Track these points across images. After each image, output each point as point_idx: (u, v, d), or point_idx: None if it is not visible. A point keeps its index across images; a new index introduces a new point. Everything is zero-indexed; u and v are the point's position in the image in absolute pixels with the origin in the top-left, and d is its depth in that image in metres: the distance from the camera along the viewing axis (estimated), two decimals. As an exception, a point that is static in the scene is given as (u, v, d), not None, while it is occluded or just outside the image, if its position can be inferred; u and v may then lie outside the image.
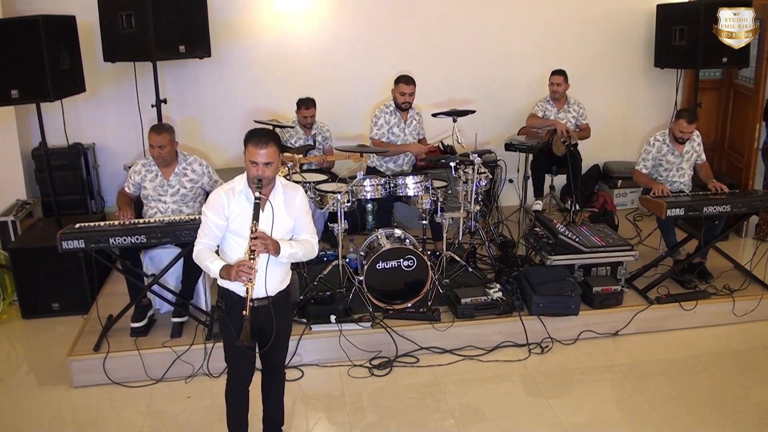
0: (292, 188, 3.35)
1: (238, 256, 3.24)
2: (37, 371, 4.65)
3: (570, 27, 7.05)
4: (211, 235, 3.26)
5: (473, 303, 4.73)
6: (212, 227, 3.23)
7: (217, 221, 3.22)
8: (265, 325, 3.30)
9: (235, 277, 3.07)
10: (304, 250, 3.32)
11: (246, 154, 3.13)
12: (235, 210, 3.21)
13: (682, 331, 4.97)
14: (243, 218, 3.19)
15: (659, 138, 5.42)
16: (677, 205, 4.88)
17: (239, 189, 3.22)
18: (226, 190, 3.23)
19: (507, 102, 7.11)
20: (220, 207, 3.21)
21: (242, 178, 3.25)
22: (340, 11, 6.65)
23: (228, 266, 3.14)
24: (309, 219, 3.41)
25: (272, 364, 3.57)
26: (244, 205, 3.20)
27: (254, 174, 3.12)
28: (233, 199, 3.21)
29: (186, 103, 6.58)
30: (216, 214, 3.21)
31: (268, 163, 3.11)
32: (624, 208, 7.23)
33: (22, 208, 5.83)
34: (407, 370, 4.50)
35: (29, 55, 4.82)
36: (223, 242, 3.31)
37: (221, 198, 3.21)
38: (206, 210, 3.25)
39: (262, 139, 3.12)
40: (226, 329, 3.33)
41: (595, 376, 4.45)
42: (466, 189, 5.18)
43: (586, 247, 5.02)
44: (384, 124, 5.73)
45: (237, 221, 3.21)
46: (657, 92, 7.39)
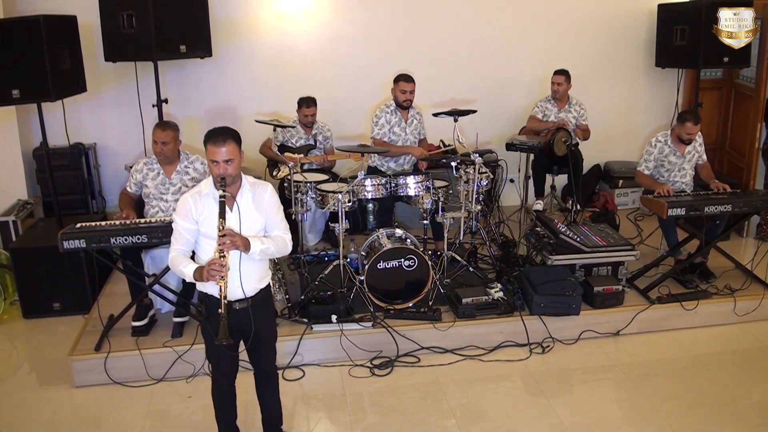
0: (260, 186, 3.32)
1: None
2: (38, 371, 4.65)
3: (571, 27, 7.05)
4: (183, 241, 3.25)
5: (474, 303, 4.73)
6: (183, 232, 3.23)
7: (186, 225, 3.22)
8: (246, 328, 3.30)
9: (207, 276, 3.06)
10: (276, 246, 3.28)
11: (207, 153, 3.13)
12: (203, 213, 3.20)
13: (684, 331, 4.97)
14: (211, 220, 3.17)
15: (661, 139, 5.42)
16: (678, 205, 4.88)
17: (206, 191, 3.21)
18: (192, 194, 3.24)
19: (508, 102, 7.10)
20: (188, 211, 3.20)
21: (209, 181, 3.24)
22: (341, 11, 6.65)
23: (200, 267, 3.13)
24: (281, 216, 3.38)
25: (261, 368, 3.57)
26: (212, 207, 3.18)
27: (217, 173, 3.11)
28: (200, 202, 3.20)
29: (187, 103, 6.58)
30: (185, 219, 3.21)
31: (229, 160, 3.09)
32: (625, 207, 7.22)
33: (23, 208, 5.83)
34: (408, 369, 4.50)
35: (30, 55, 4.81)
36: (197, 247, 3.30)
37: (188, 202, 3.21)
38: (175, 216, 3.25)
39: (220, 137, 3.10)
40: (205, 331, 3.35)
41: (596, 376, 4.45)
42: (467, 189, 5.17)
43: (587, 246, 5.02)
44: (385, 123, 5.73)
45: (206, 224, 3.20)
46: (658, 92, 7.39)
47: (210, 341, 3.32)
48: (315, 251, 5.82)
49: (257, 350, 3.46)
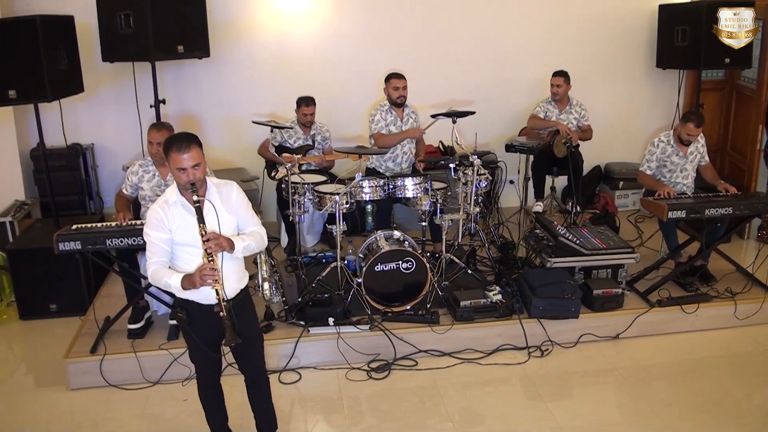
0: (225, 186, 3.30)
1: (192, 267, 3.18)
2: (34, 373, 4.63)
3: (571, 27, 7.01)
4: (161, 252, 3.18)
5: (472, 306, 4.69)
6: (159, 244, 3.16)
7: (161, 236, 3.15)
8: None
9: (201, 282, 3.02)
10: (255, 242, 3.29)
11: (170, 163, 3.08)
12: (175, 221, 3.15)
13: (684, 335, 4.93)
14: (185, 228, 3.14)
15: (663, 139, 5.38)
16: (679, 208, 4.84)
17: (173, 200, 3.16)
18: (160, 204, 3.17)
19: (507, 103, 7.07)
20: (160, 221, 3.14)
21: (173, 189, 3.19)
22: (340, 11, 6.62)
23: (188, 276, 3.09)
24: (251, 212, 3.37)
25: (251, 373, 3.54)
26: (183, 215, 3.15)
27: (185, 180, 3.06)
28: (170, 212, 3.15)
29: (185, 103, 6.55)
30: (158, 230, 3.15)
31: (196, 165, 3.07)
32: (625, 209, 7.18)
33: (20, 208, 5.80)
34: (406, 373, 4.47)
35: (27, 56, 4.79)
36: (173, 259, 3.25)
37: (158, 213, 3.15)
38: (147, 230, 3.17)
39: (183, 143, 3.06)
40: (189, 336, 3.31)
41: (595, 380, 4.42)
42: (465, 190, 5.14)
43: (586, 249, 4.98)
44: (381, 120, 5.70)
45: (180, 232, 3.15)
46: (659, 93, 7.35)
47: (192, 344, 3.31)
48: (313, 253, 5.79)
49: (244, 352, 3.42)
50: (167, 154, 3.08)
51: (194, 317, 3.24)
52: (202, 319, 3.22)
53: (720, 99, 7.27)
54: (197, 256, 3.16)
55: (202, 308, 3.21)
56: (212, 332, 3.27)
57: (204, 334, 3.26)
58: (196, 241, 3.09)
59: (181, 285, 3.08)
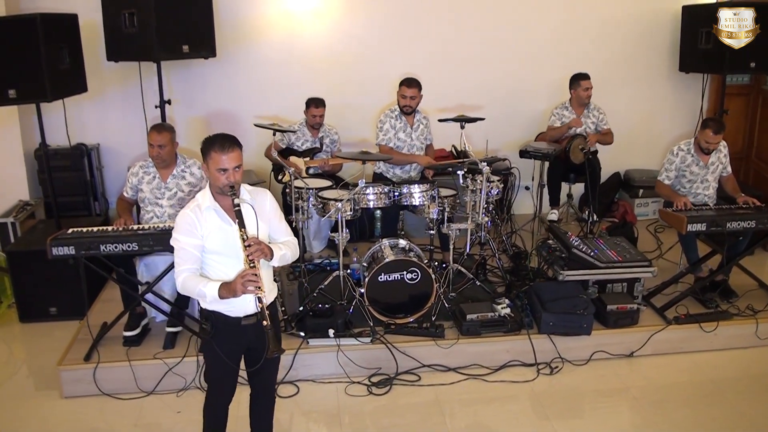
0: (259, 193, 3.16)
1: (219, 276, 3.04)
2: (30, 379, 4.55)
3: (591, 29, 6.80)
4: (193, 259, 3.02)
5: (479, 319, 4.51)
6: (191, 250, 3.01)
7: (193, 242, 3.00)
8: (257, 345, 3.11)
9: (243, 290, 2.87)
10: (291, 252, 3.17)
11: (210, 163, 2.94)
12: (207, 227, 3.00)
13: (702, 354, 4.69)
14: (218, 235, 3.00)
15: (683, 147, 5.16)
16: (699, 220, 4.61)
17: (206, 205, 3.02)
18: (192, 209, 3.02)
19: (522, 107, 6.88)
20: (192, 226, 2.99)
21: (205, 194, 3.06)
22: (350, 11, 6.48)
23: (226, 283, 2.93)
24: (284, 221, 3.25)
25: (263, 386, 3.38)
26: (216, 221, 3.01)
27: (225, 182, 2.93)
28: (202, 217, 3.00)
29: (192, 103, 6.45)
30: (190, 235, 3.00)
31: (237, 167, 2.95)
32: (645, 218, 6.95)
33: (23, 209, 5.73)
34: (408, 388, 4.30)
35: (27, 55, 4.69)
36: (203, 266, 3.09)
37: (189, 217, 3.00)
38: (177, 235, 3.02)
39: (226, 142, 2.93)
40: (211, 350, 3.13)
41: (607, 400, 4.22)
42: (474, 199, 4.94)
43: (601, 261, 4.77)
44: (389, 129, 5.54)
45: (212, 239, 3.01)
46: (681, 98, 7.11)
47: (213, 360, 3.15)
48: (319, 259, 5.64)
49: (262, 368, 3.21)
50: (207, 154, 2.94)
51: (219, 330, 3.08)
52: (226, 332, 3.07)
53: (745, 104, 7.05)
54: (226, 264, 3.03)
55: (228, 321, 3.06)
56: (235, 346, 3.13)
57: (227, 348, 3.10)
58: (227, 249, 2.98)
59: (219, 293, 2.92)
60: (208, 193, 3.04)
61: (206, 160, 2.96)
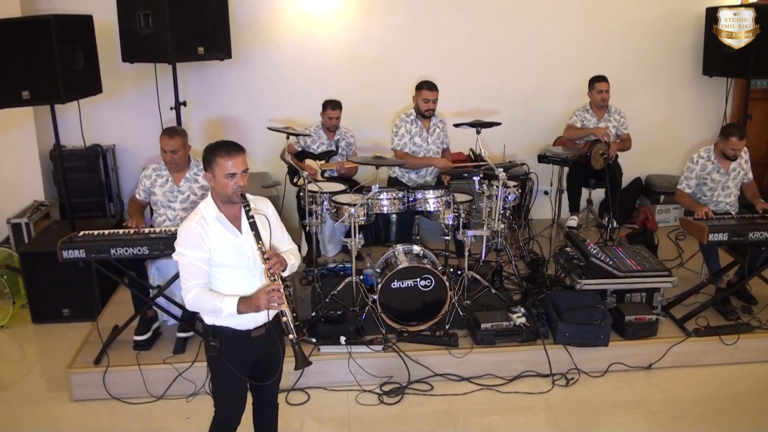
0: (260, 202, 3.09)
1: (233, 290, 2.94)
2: (40, 381, 4.55)
3: (611, 30, 6.67)
4: (202, 273, 2.89)
5: (494, 328, 4.42)
6: (199, 264, 2.88)
7: (201, 256, 2.87)
8: (264, 356, 3.07)
9: (267, 305, 2.79)
10: (296, 260, 3.10)
11: (216, 170, 2.85)
12: (214, 240, 2.89)
13: (722, 367, 4.56)
14: (226, 246, 2.91)
15: (703, 155, 5.03)
16: (720, 230, 4.48)
17: (211, 216, 2.91)
18: (197, 221, 2.90)
19: (540, 111, 6.77)
20: (199, 239, 2.87)
21: (208, 205, 2.94)
22: (368, 13, 6.41)
23: (245, 298, 2.85)
24: (285, 231, 3.18)
25: (268, 396, 3.31)
26: (222, 232, 2.92)
27: (234, 188, 2.85)
28: (209, 229, 2.89)
29: (209, 105, 6.42)
30: (197, 249, 2.87)
31: (245, 171, 2.88)
32: (666, 225, 6.81)
33: (38, 209, 5.73)
34: (420, 398, 4.22)
35: (40, 56, 4.66)
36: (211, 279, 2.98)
37: (195, 230, 2.88)
38: (182, 250, 2.88)
39: (231, 147, 2.88)
40: (220, 367, 3.03)
41: (623, 414, 4.12)
42: (490, 205, 4.85)
43: (619, 271, 4.66)
44: (405, 133, 5.46)
45: (219, 252, 2.90)
46: (705, 102, 6.96)
47: (224, 377, 3.05)
48: (332, 264, 5.58)
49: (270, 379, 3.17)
50: (212, 161, 2.86)
51: (229, 345, 2.98)
52: (235, 346, 2.98)
53: (769, 109, 6.88)
54: (234, 276, 2.94)
55: (236, 334, 2.97)
56: (244, 360, 3.04)
57: (237, 363, 3.01)
58: (235, 260, 2.90)
59: (237, 309, 2.83)
60: (211, 203, 2.94)
61: (211, 168, 2.87)
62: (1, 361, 4.85)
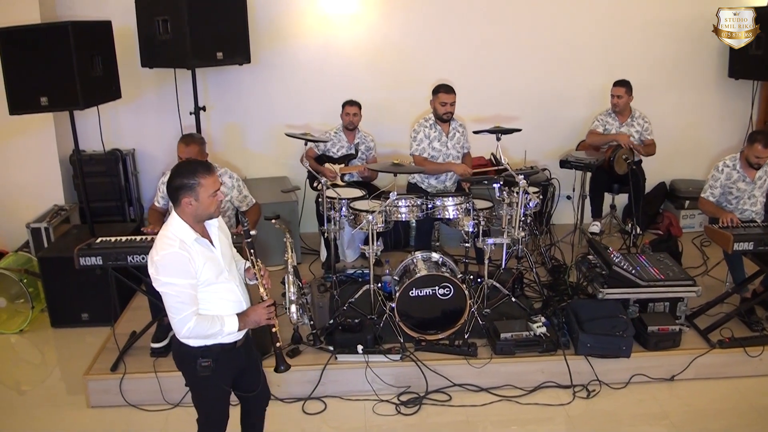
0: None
1: (220, 306, 2.94)
2: (58, 386, 4.57)
3: (635, 32, 6.56)
4: (193, 299, 2.83)
5: (514, 338, 4.35)
6: (190, 291, 2.81)
7: (191, 282, 2.81)
8: (247, 363, 3.12)
9: (266, 321, 2.93)
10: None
11: (200, 191, 2.80)
12: (199, 261, 2.83)
13: (746, 380, 4.45)
14: (210, 265, 2.86)
15: (729, 163, 4.92)
16: (746, 239, 4.38)
17: (191, 239, 2.83)
18: (179, 247, 2.77)
19: (562, 115, 6.68)
20: (186, 265, 2.78)
21: (181, 228, 2.83)
22: (388, 17, 6.37)
23: (242, 315, 2.94)
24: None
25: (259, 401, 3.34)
26: (203, 252, 2.86)
27: (217, 204, 2.89)
28: (192, 251, 2.82)
29: (228, 109, 6.42)
30: (187, 276, 2.79)
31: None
32: (691, 231, 6.68)
33: (57, 214, 5.76)
34: (438, 408, 4.17)
35: (59, 63, 4.69)
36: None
37: (182, 256, 2.77)
38: (172, 279, 2.77)
39: (206, 164, 2.93)
40: (211, 384, 3.01)
41: (645, 427, 4.04)
42: (510, 212, 4.78)
43: (642, 280, 4.57)
44: (424, 138, 5.38)
45: (205, 271, 2.84)
46: (730, 105, 6.83)
47: (215, 393, 3.06)
48: (352, 269, 5.53)
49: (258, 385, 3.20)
50: (193, 186, 2.79)
51: (217, 361, 2.96)
52: (225, 360, 2.98)
53: (797, 114, 6.72)
54: (216, 292, 2.93)
55: (225, 348, 2.97)
56: (233, 373, 3.09)
57: (227, 376, 3.05)
58: (216, 276, 2.89)
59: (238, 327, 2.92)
60: (184, 225, 2.84)
61: (192, 192, 2.80)
62: (21, 364, 4.88)
